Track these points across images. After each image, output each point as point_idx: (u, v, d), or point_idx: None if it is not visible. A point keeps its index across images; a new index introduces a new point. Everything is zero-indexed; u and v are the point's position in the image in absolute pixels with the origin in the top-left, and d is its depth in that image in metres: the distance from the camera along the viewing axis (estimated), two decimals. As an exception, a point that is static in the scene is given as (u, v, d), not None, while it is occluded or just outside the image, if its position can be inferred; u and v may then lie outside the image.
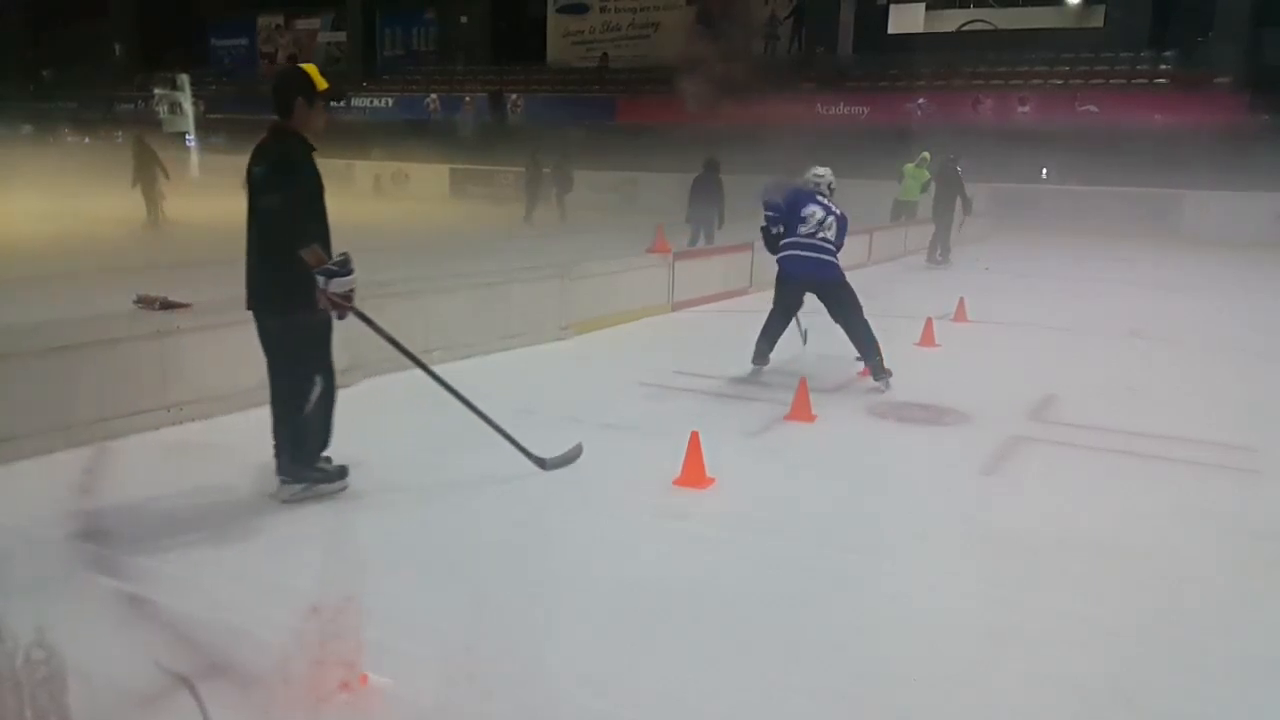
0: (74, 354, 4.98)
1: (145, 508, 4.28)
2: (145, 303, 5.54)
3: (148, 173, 17.88)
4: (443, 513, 4.35)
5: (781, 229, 7.08)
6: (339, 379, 5.88)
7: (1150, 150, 19.65)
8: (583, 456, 5.07)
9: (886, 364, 6.77)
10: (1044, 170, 22.02)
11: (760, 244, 8.46)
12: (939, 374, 7.35)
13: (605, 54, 31.71)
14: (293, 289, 4.12)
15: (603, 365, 7.43)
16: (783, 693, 2.92)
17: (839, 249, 7.04)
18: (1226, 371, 7.86)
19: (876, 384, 6.79)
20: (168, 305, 5.51)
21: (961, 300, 9.83)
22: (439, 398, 6.09)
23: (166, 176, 18.17)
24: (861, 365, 6.96)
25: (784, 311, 7.14)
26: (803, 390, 5.97)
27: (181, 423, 5.39)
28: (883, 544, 4.11)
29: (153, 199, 17.90)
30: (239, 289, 4.39)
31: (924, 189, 16.47)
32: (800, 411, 5.90)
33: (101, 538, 3.92)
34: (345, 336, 5.89)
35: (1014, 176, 20.48)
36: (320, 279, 4.06)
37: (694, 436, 4.68)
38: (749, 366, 7.16)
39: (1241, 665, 3.17)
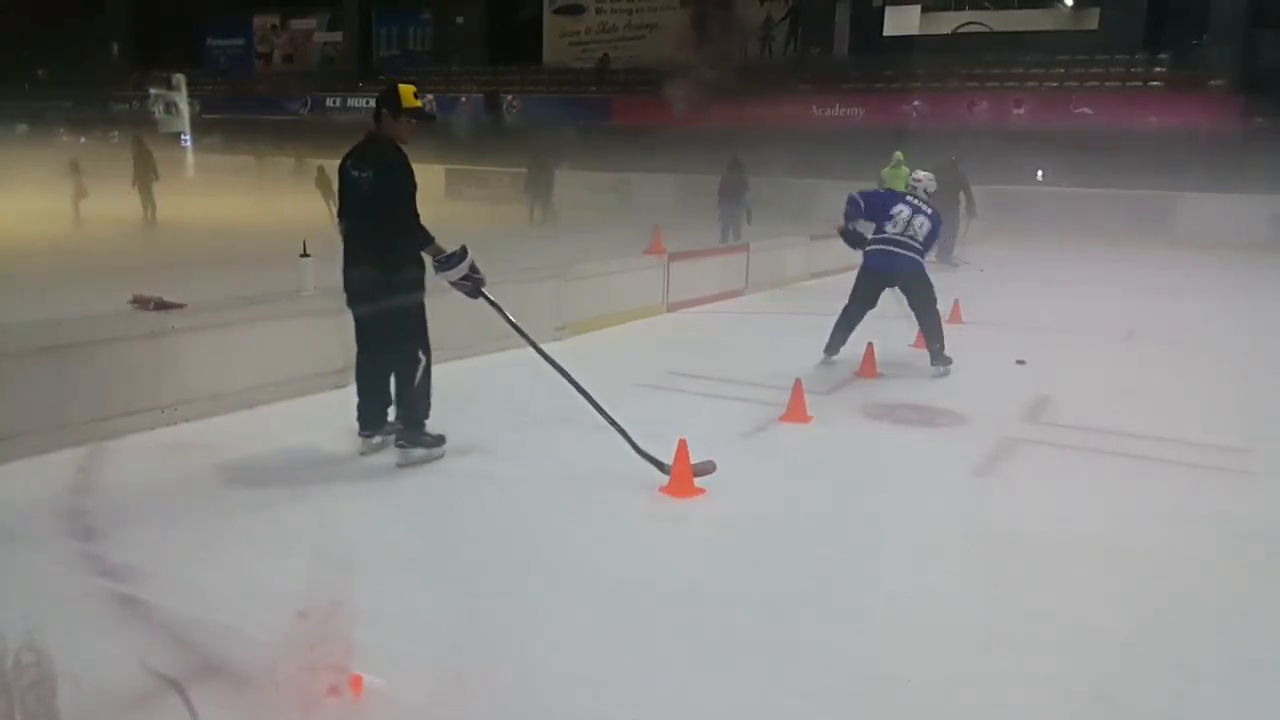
0: (69, 354, 4.97)
1: (139, 508, 4.27)
2: (140, 303, 5.53)
3: (146, 173, 17.98)
4: (438, 513, 4.35)
5: (856, 225, 7.56)
6: (336, 379, 5.91)
7: (1145, 152, 19.67)
8: (578, 456, 5.07)
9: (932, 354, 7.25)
10: (1039, 172, 22.04)
11: (755, 246, 8.51)
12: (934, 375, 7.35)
13: (606, 55, 31.66)
14: (400, 278, 4.69)
15: (598, 366, 7.40)
16: (779, 693, 2.92)
17: (928, 247, 7.50)
18: (1221, 373, 7.87)
19: (934, 368, 7.34)
20: (163, 305, 5.50)
21: (956, 302, 9.84)
22: (432, 398, 6.09)
23: (156, 177, 18.28)
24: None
25: (860, 304, 7.49)
26: (798, 391, 5.97)
27: (176, 423, 5.38)
28: (877, 545, 4.11)
29: (150, 198, 17.99)
30: (234, 289, 4.39)
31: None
32: (796, 412, 5.90)
33: (95, 538, 3.92)
34: (343, 340, 5.90)
35: (1009, 178, 20.48)
36: (439, 272, 4.70)
37: (681, 445, 4.57)
38: (747, 367, 7.19)
39: (1235, 667, 3.17)
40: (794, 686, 2.96)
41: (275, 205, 22.37)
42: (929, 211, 7.48)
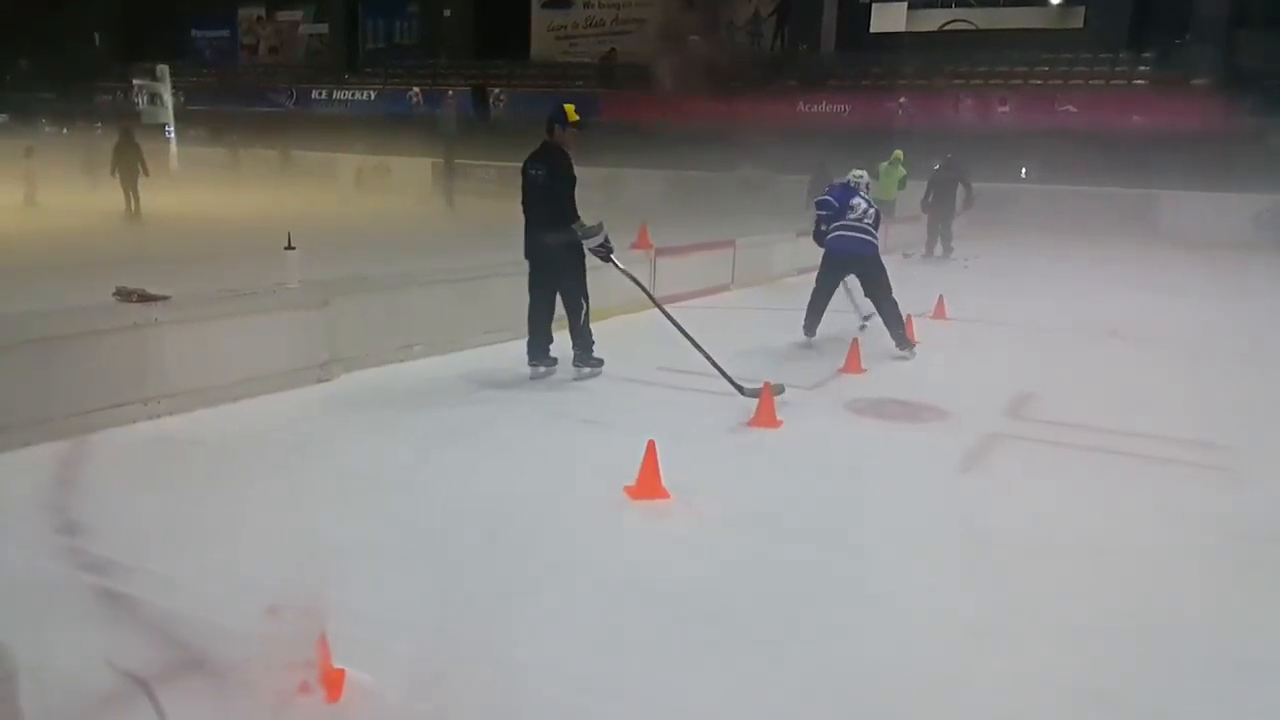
0: (52, 346, 4.94)
1: (122, 502, 4.25)
2: (124, 295, 5.50)
3: (129, 166, 17.90)
4: (421, 508, 4.34)
5: (827, 226, 8.19)
6: (320, 373, 5.92)
7: (1128, 151, 19.80)
8: (562, 452, 5.09)
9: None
10: (1023, 170, 22.15)
11: (741, 242, 8.50)
12: (918, 371, 7.39)
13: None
14: (568, 246, 6.51)
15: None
16: (764, 690, 2.93)
17: (876, 234, 8.14)
18: (1205, 371, 7.93)
19: (900, 353, 7.73)
20: (146, 298, 5.47)
21: (940, 298, 9.88)
22: (418, 394, 6.10)
23: (145, 173, 18.29)
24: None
25: (825, 287, 8.20)
26: (766, 395, 5.87)
27: (159, 416, 5.35)
28: (861, 542, 4.13)
29: (133, 191, 17.93)
30: (218, 282, 4.38)
31: (900, 186, 16.69)
32: (764, 417, 5.80)
33: (77, 531, 3.90)
34: (327, 333, 5.89)
35: (993, 176, 20.57)
36: (583, 240, 6.45)
37: (650, 445, 4.46)
38: (733, 362, 7.18)
39: (1220, 664, 3.20)
40: (779, 682, 2.97)
41: (260, 197, 22.26)
42: (874, 207, 8.28)
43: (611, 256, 6.58)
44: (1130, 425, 5.98)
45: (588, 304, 6.69)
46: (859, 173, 8.50)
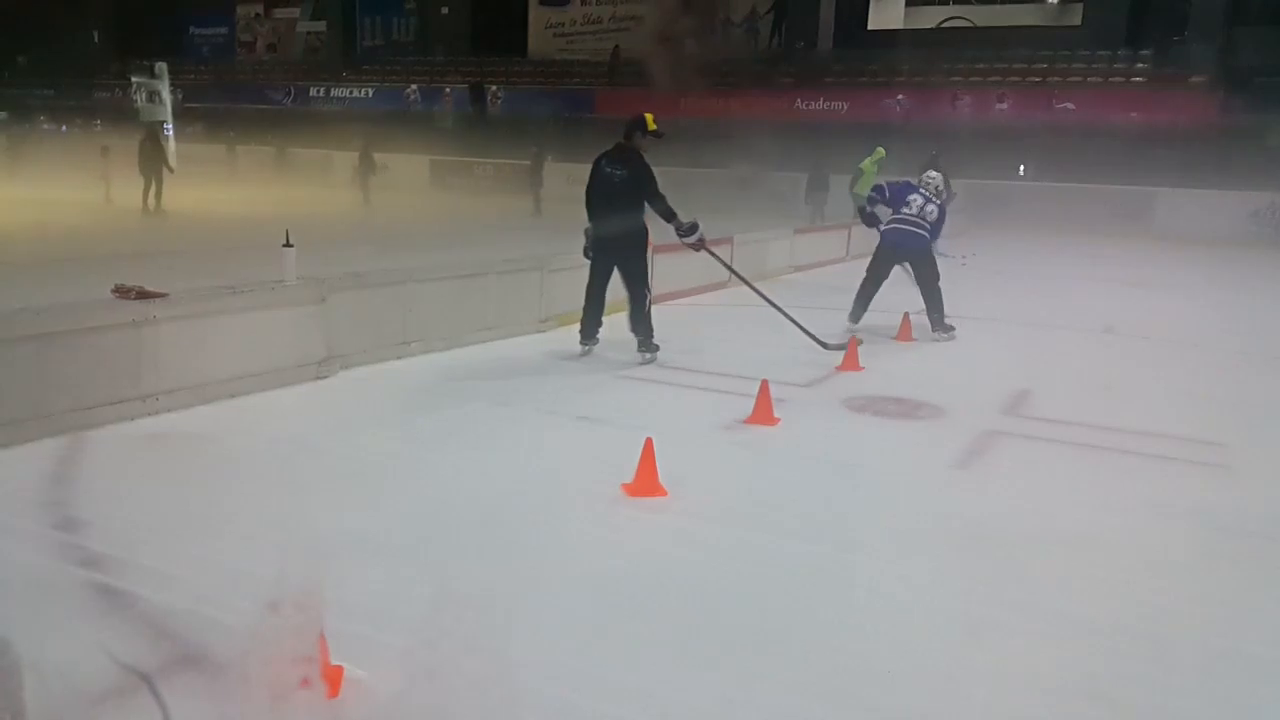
0: (49, 342, 4.94)
1: (120, 498, 4.25)
2: (121, 292, 5.50)
3: (153, 164, 18.50)
4: (416, 503, 4.34)
5: (875, 209, 8.99)
6: (319, 369, 5.93)
7: (1126, 148, 19.82)
8: (559, 449, 5.10)
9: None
10: (1021, 167, 22.16)
11: (739, 239, 8.54)
12: (915, 368, 7.41)
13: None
14: (639, 242, 7.21)
15: (583, 358, 7.44)
16: (758, 685, 2.94)
17: (936, 230, 8.82)
18: (1199, 368, 7.95)
19: (936, 334, 8.56)
20: (144, 294, 5.47)
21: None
22: (415, 390, 6.12)
23: (171, 170, 18.95)
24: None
25: (875, 277, 8.87)
26: (764, 390, 5.90)
27: (157, 413, 5.35)
28: (857, 538, 4.13)
29: (156, 188, 18.47)
30: (216, 278, 4.38)
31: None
32: (762, 414, 5.80)
33: (75, 527, 3.90)
34: (325, 330, 5.89)
35: (991, 173, 20.59)
36: (682, 238, 7.25)
37: (648, 443, 4.48)
38: (730, 359, 7.23)
39: (1213, 660, 3.21)
40: (774, 678, 2.98)
41: (259, 195, 22.25)
42: (938, 203, 8.83)
43: (705, 245, 7.47)
44: (1126, 422, 5.99)
45: (650, 294, 7.37)
46: (932, 174, 9.17)
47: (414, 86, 32.55)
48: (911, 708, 2.87)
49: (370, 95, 34.08)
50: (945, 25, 26.88)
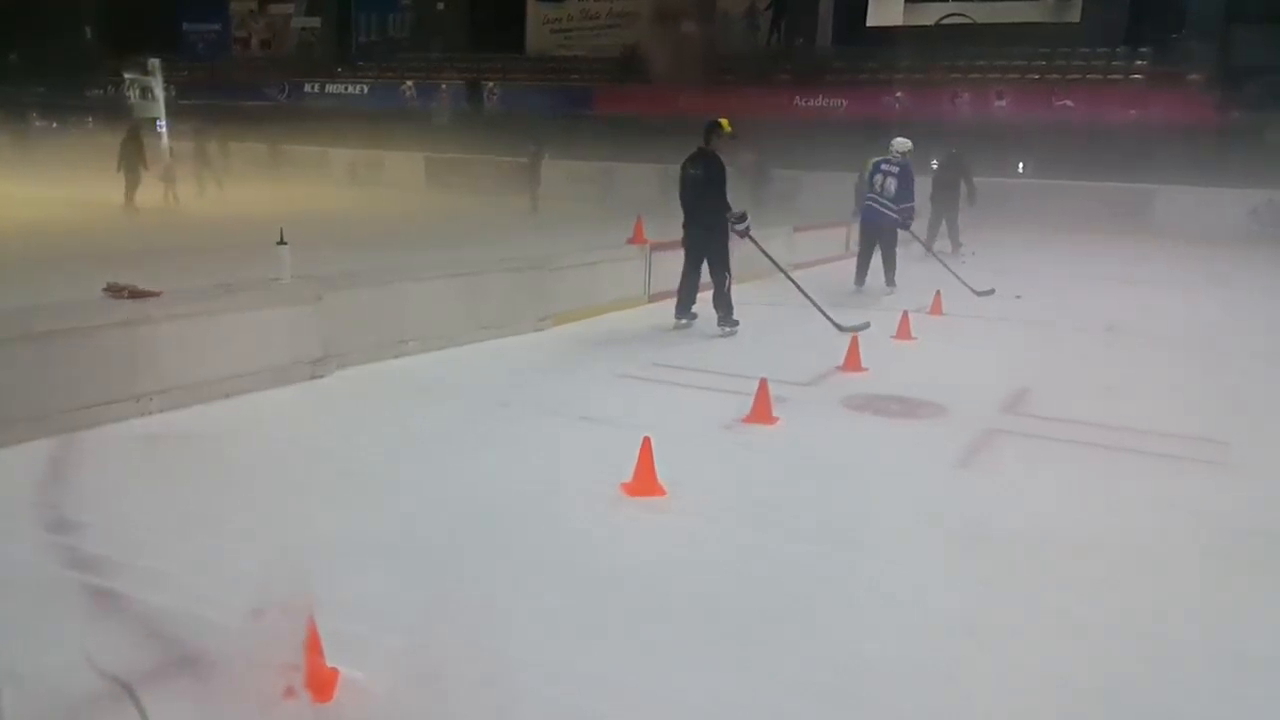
0: (42, 343, 4.90)
1: (113, 499, 4.22)
2: (114, 291, 5.46)
3: (134, 162, 18.54)
4: (413, 503, 4.31)
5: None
6: (314, 369, 5.90)
7: (1125, 146, 19.79)
8: (557, 449, 5.07)
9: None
10: (1020, 165, 22.12)
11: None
12: (915, 367, 7.37)
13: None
14: (718, 231, 8.27)
15: (580, 357, 7.40)
16: (758, 686, 2.91)
17: (898, 201, 10.97)
18: (1201, 366, 7.92)
19: (887, 289, 10.93)
20: (137, 294, 5.43)
21: (938, 293, 9.87)
22: (412, 390, 6.09)
23: (146, 167, 18.84)
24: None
25: (865, 245, 11.35)
26: (763, 388, 5.86)
27: (151, 413, 5.31)
28: (858, 537, 4.10)
29: (133, 185, 18.45)
30: (210, 277, 4.33)
31: None
32: (760, 412, 5.75)
33: (68, 529, 3.86)
34: (320, 328, 5.84)
35: (991, 171, 20.52)
36: (732, 225, 8.29)
37: (645, 442, 4.42)
38: (730, 357, 7.22)
39: (1217, 660, 3.19)
40: (773, 677, 2.95)
41: (253, 193, 22.18)
42: (895, 171, 10.98)
43: (750, 234, 8.52)
44: (1127, 420, 5.96)
45: (730, 276, 8.38)
46: (898, 141, 11.28)
47: (409, 83, 32.44)
48: (911, 707, 2.85)
49: (365, 92, 33.96)
50: (944, 22, 26.80)
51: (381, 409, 5.81)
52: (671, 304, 8.64)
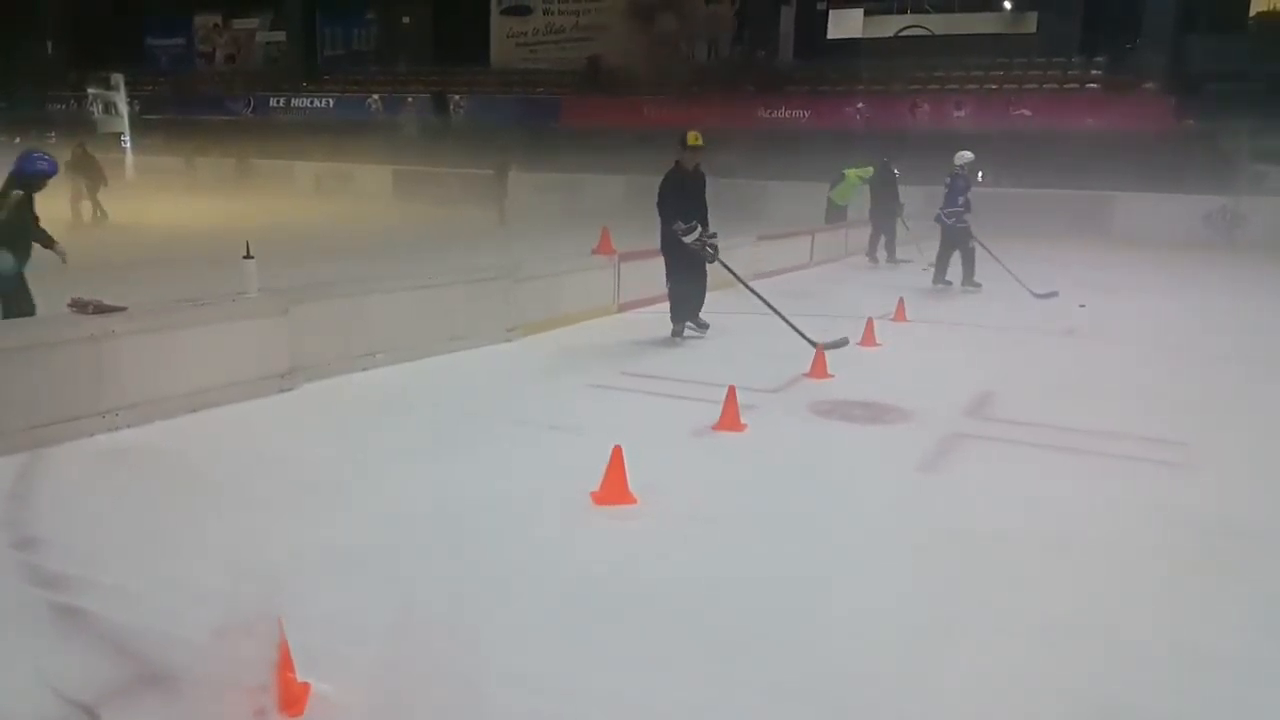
0: (5, 359, 4.85)
1: (78, 515, 4.18)
2: (79, 306, 5.42)
3: (93, 181, 18.46)
4: (381, 516, 4.30)
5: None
6: (279, 383, 5.88)
7: (1082, 153, 20.09)
8: (527, 459, 5.08)
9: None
10: (980, 174, 22.38)
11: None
12: (879, 373, 7.45)
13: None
14: (667, 241, 8.38)
15: (549, 367, 7.42)
16: (732, 692, 2.94)
17: (944, 205, 12.54)
18: (1159, 368, 8.07)
19: (963, 288, 12.33)
20: (102, 309, 5.39)
21: (901, 300, 9.99)
22: (381, 402, 6.07)
23: (105, 183, 18.81)
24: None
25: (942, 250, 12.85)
26: (731, 396, 5.91)
27: (117, 429, 5.26)
28: (825, 542, 4.15)
29: (95, 200, 18.42)
30: (176, 291, 4.32)
31: (849, 197, 16.70)
32: (729, 420, 5.77)
33: (33, 546, 3.83)
34: (287, 341, 5.82)
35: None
36: (681, 237, 8.21)
37: (616, 450, 4.46)
38: (698, 366, 7.28)
39: (1180, 657, 3.26)
40: (747, 684, 2.98)
41: (218, 206, 21.99)
42: (947, 180, 12.56)
43: (706, 245, 8.43)
44: (1088, 423, 6.07)
45: (679, 285, 8.51)
46: (959, 156, 12.84)
47: (376, 96, 32.32)
48: (884, 709, 2.89)
49: (332, 105, 33.80)
50: (903, 34, 27.15)
51: (350, 421, 5.80)
52: (639, 313, 8.69)
